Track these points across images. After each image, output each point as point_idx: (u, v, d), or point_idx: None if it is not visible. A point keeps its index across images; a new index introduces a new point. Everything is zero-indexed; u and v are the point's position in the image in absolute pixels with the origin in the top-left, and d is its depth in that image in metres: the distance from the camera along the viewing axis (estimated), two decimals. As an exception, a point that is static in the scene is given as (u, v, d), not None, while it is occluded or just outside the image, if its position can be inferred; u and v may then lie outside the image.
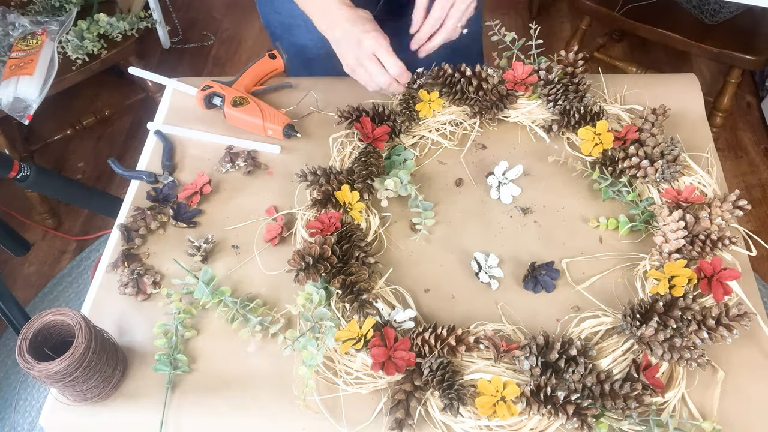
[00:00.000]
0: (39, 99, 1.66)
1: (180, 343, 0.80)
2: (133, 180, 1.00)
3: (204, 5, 2.79)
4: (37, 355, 0.71)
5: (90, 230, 2.02)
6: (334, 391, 0.75)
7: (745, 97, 2.24)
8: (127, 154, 2.21)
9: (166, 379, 0.77)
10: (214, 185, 0.97)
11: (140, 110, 2.26)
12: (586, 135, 0.93)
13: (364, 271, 0.81)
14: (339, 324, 0.78)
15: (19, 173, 1.26)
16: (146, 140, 1.06)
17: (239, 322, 0.81)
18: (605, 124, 0.93)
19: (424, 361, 0.73)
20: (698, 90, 1.05)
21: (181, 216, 0.93)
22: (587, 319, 0.79)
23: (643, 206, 0.88)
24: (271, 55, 1.11)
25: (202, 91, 1.05)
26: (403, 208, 0.93)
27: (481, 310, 0.82)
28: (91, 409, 0.77)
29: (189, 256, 0.88)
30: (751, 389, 0.74)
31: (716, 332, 0.72)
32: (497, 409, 0.69)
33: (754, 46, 1.73)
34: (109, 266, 0.88)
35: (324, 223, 0.85)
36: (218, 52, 2.59)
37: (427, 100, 0.99)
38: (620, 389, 0.68)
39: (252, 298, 0.84)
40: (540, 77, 0.99)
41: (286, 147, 1.02)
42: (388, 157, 0.97)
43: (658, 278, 0.78)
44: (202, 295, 0.82)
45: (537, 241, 0.89)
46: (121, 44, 1.83)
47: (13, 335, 1.77)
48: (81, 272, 1.92)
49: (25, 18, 1.79)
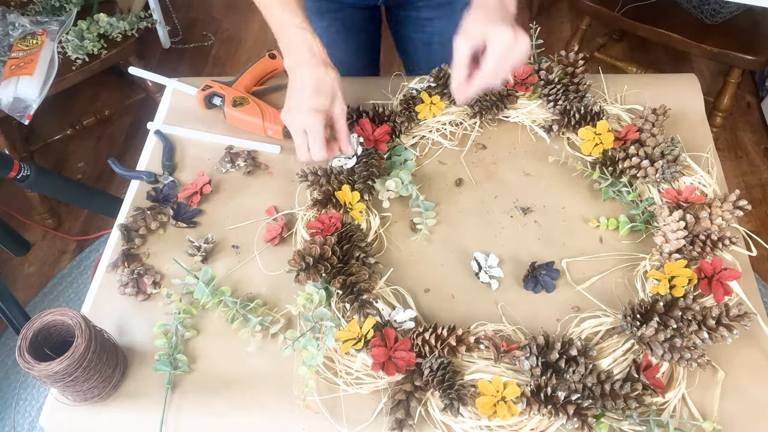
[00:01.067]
0: (39, 99, 1.66)
1: (180, 343, 0.80)
2: (133, 180, 1.00)
3: (204, 5, 2.79)
4: (37, 355, 0.71)
5: (90, 230, 2.02)
6: (334, 391, 0.75)
7: (745, 97, 2.24)
8: (127, 154, 2.21)
9: (166, 379, 0.77)
10: (214, 185, 0.97)
11: (140, 110, 2.26)
12: (586, 135, 0.93)
13: (364, 272, 0.81)
14: (339, 324, 0.78)
15: (19, 173, 1.26)
16: (146, 140, 1.06)
17: (239, 322, 0.81)
18: (605, 124, 0.93)
19: (425, 361, 0.73)
20: (698, 90, 1.05)
21: (181, 216, 0.93)
22: (587, 319, 0.79)
23: (643, 206, 0.88)
24: (271, 55, 1.11)
25: (202, 91, 1.05)
26: (404, 209, 0.93)
27: (481, 310, 0.82)
28: (91, 409, 0.77)
29: (189, 256, 0.88)
30: (752, 389, 0.74)
31: (716, 332, 0.72)
32: (497, 410, 0.69)
33: (754, 46, 1.73)
34: (109, 266, 0.88)
35: (324, 223, 0.85)
36: (218, 52, 2.59)
37: (428, 103, 0.99)
38: (620, 389, 0.68)
39: (252, 298, 0.84)
40: (540, 77, 0.99)
41: (286, 147, 1.02)
42: (388, 158, 0.97)
43: (659, 278, 0.78)
44: (202, 295, 0.82)
45: (537, 241, 0.89)
46: (121, 44, 1.82)
47: (13, 335, 1.77)
48: (81, 272, 1.92)
49: (25, 18, 1.79)
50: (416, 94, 1.01)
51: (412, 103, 1.00)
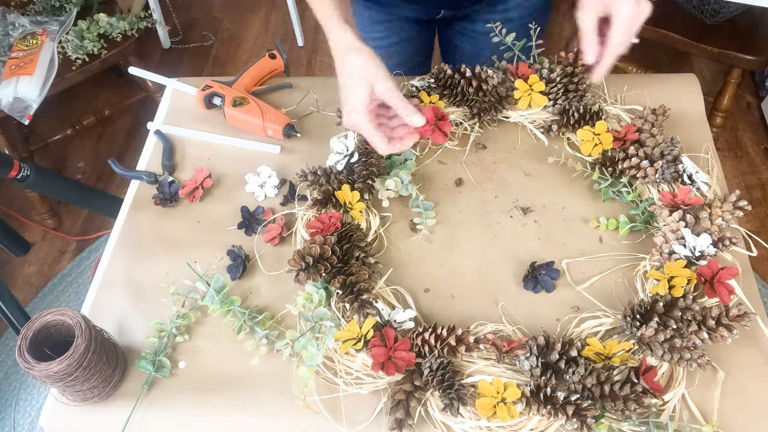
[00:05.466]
0: (39, 99, 1.66)
1: (169, 345, 0.80)
2: (133, 180, 1.00)
3: (204, 5, 2.79)
4: (37, 355, 0.71)
5: (90, 230, 2.02)
6: (334, 391, 0.75)
7: (745, 97, 2.24)
8: (127, 154, 2.21)
9: (146, 379, 0.78)
10: (215, 179, 0.97)
11: (140, 110, 2.26)
12: (585, 136, 0.93)
13: (364, 271, 0.81)
14: (339, 324, 0.78)
15: (19, 173, 1.25)
16: (146, 140, 1.06)
17: (246, 333, 0.81)
18: (604, 124, 0.93)
19: (424, 361, 0.73)
20: (698, 90, 1.05)
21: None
22: (587, 320, 0.79)
23: (643, 207, 0.88)
24: (271, 55, 1.11)
25: (202, 91, 1.05)
26: (403, 208, 0.93)
27: (481, 310, 0.82)
28: (91, 409, 0.77)
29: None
30: (752, 389, 0.74)
31: (716, 332, 0.72)
32: (497, 411, 0.69)
33: (754, 46, 1.73)
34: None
35: (324, 223, 0.85)
36: (218, 52, 2.59)
37: (428, 102, 0.99)
38: (620, 390, 0.68)
39: (261, 310, 0.83)
40: (542, 75, 0.99)
41: (286, 147, 1.02)
42: (388, 157, 0.97)
43: (658, 278, 0.78)
44: (212, 303, 0.82)
45: (537, 241, 0.89)
46: (121, 44, 1.83)
47: (13, 335, 1.77)
48: (81, 272, 1.92)
49: (25, 18, 1.79)
50: (416, 92, 1.01)
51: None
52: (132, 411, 0.76)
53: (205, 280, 0.84)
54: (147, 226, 0.94)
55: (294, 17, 2.54)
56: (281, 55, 1.11)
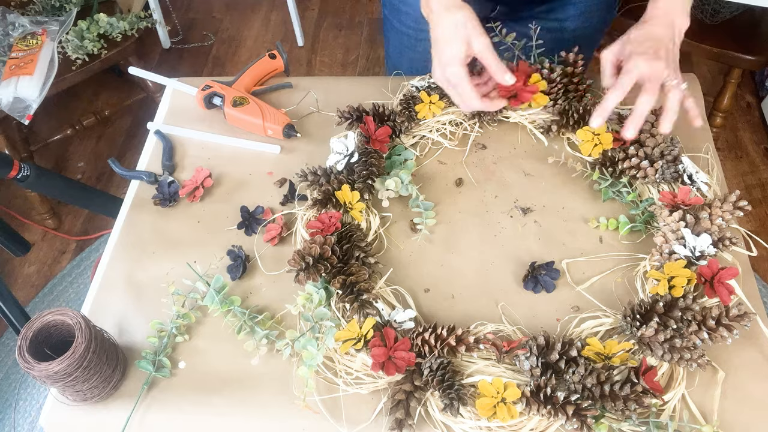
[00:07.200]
0: (39, 99, 1.66)
1: (169, 345, 0.80)
2: (133, 180, 1.00)
3: (204, 5, 2.80)
4: (37, 355, 0.71)
5: (90, 230, 2.02)
6: (334, 391, 0.75)
7: (745, 97, 2.24)
8: (127, 154, 2.21)
9: (146, 379, 0.77)
10: (215, 179, 0.97)
11: (140, 110, 2.26)
12: (585, 136, 0.93)
13: (364, 271, 0.81)
14: (339, 324, 0.78)
15: (19, 173, 1.26)
16: (146, 140, 1.06)
17: (246, 333, 0.81)
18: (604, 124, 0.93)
19: (424, 361, 0.73)
20: (698, 90, 1.05)
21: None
22: (587, 320, 0.79)
23: (643, 207, 0.88)
24: (271, 55, 1.11)
25: (202, 91, 1.05)
26: (403, 208, 0.93)
27: (481, 310, 0.82)
28: (91, 409, 0.77)
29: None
30: (752, 389, 0.74)
31: (716, 333, 0.72)
32: (497, 411, 0.69)
33: (754, 46, 1.73)
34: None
35: (324, 223, 0.85)
36: (218, 52, 2.59)
37: (428, 102, 0.99)
38: (620, 390, 0.68)
39: (261, 310, 0.83)
40: (542, 75, 0.99)
41: (286, 147, 1.02)
42: (388, 157, 0.97)
43: (658, 278, 0.78)
44: (212, 303, 0.82)
45: (537, 241, 0.89)
46: (121, 44, 1.83)
47: (13, 335, 1.78)
48: (81, 272, 1.92)
49: (25, 18, 1.79)
50: (416, 92, 1.01)
51: (411, 102, 0.99)
52: (132, 411, 0.76)
53: (205, 280, 0.84)
54: (147, 226, 0.94)
55: (294, 17, 2.54)
56: (281, 55, 1.11)
